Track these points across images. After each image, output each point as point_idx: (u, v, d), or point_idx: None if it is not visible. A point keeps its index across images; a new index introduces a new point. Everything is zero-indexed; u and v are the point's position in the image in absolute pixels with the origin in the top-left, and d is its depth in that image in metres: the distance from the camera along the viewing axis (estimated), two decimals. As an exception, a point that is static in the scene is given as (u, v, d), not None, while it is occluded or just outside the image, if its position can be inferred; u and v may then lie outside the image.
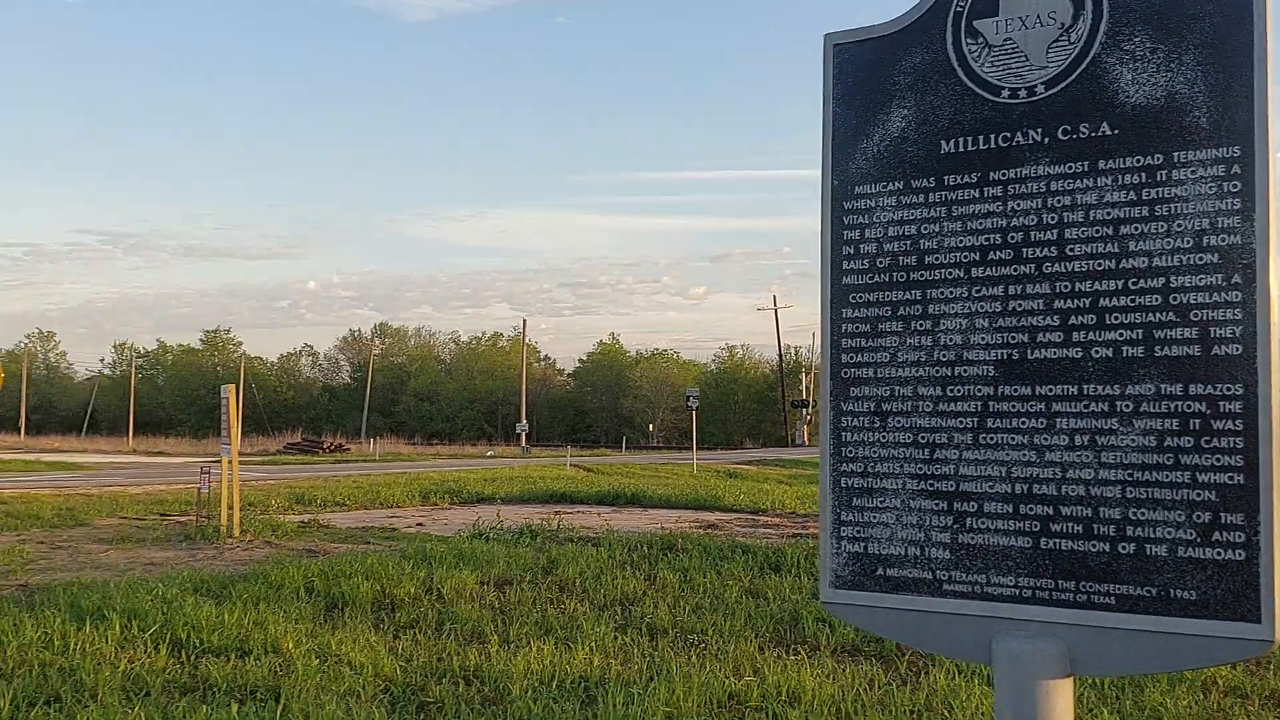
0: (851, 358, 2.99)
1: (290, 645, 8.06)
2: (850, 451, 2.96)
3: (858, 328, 2.98)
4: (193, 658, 7.85)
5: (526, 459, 56.61)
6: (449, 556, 12.46)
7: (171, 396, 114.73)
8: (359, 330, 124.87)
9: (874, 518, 2.92)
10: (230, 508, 15.90)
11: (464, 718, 6.40)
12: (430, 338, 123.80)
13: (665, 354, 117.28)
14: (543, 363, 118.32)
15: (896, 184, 2.96)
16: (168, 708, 6.44)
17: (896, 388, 2.91)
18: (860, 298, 2.99)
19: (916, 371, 2.88)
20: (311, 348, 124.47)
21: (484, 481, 28.47)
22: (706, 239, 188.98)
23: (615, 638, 8.61)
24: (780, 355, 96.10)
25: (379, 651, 7.99)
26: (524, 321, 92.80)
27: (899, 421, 2.90)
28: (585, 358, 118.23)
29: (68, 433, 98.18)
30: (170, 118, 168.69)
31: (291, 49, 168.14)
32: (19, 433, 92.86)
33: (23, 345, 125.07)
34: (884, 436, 2.92)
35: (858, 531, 2.95)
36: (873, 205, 2.99)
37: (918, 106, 2.94)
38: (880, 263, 2.97)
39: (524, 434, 78.09)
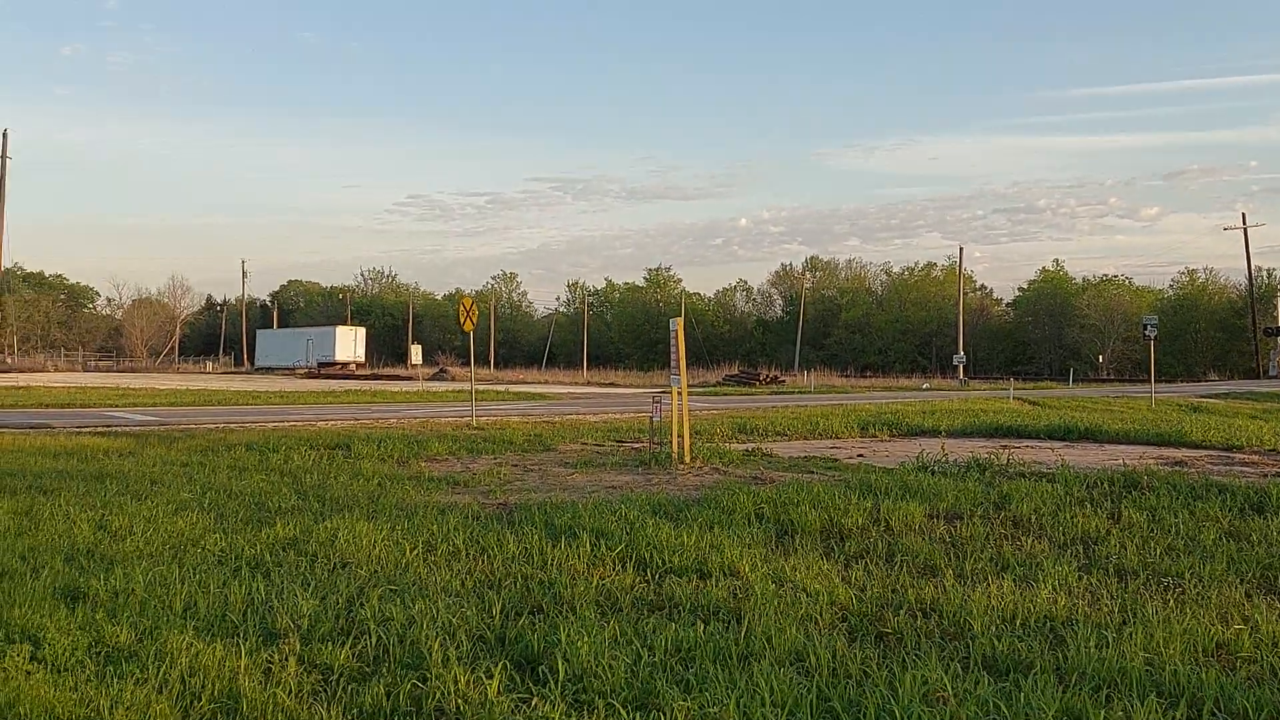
0: None
1: (747, 569, 8.25)
2: None
3: None
4: (656, 576, 8.22)
5: (964, 391, 55.13)
6: (894, 488, 12.32)
7: (619, 331, 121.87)
8: (790, 264, 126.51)
9: None
10: (680, 435, 16.58)
11: (924, 650, 6.26)
12: (861, 269, 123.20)
13: (1114, 280, 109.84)
14: (979, 292, 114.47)
15: None
16: (638, 623, 6.77)
17: None
18: None
19: None
20: (745, 283, 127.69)
21: (922, 414, 27.99)
22: (1156, 156, 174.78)
23: (1080, 577, 8.14)
24: (1250, 278, 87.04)
25: (832, 579, 8.00)
26: (960, 250, 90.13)
27: None
28: (1025, 286, 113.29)
29: (530, 365, 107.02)
30: (619, 70, 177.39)
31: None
32: (489, 366, 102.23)
33: (489, 286, 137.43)
34: None
35: None
36: None
37: None
38: None
39: (961, 365, 76.12)
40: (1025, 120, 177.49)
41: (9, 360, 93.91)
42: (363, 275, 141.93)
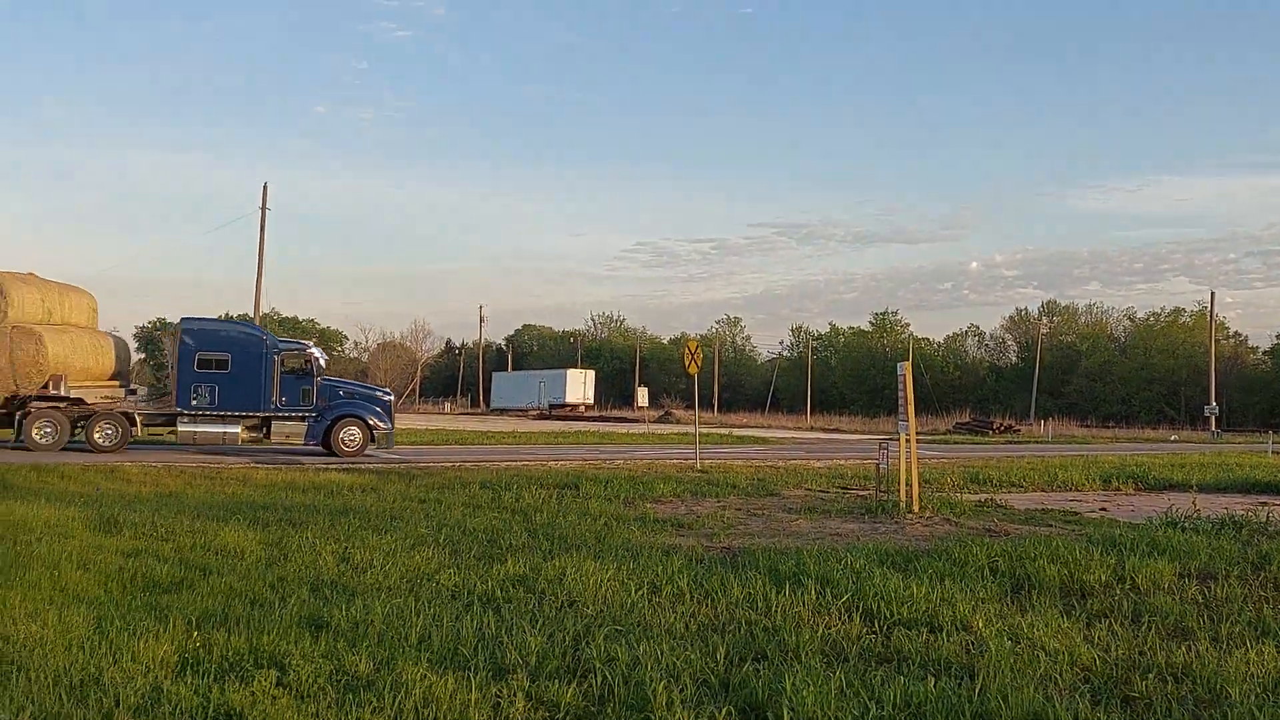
0: None
1: (980, 624, 7.93)
2: None
3: None
4: (884, 628, 8.00)
5: (1217, 444, 51.86)
6: (1141, 544, 11.63)
7: (844, 376, 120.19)
8: (1025, 309, 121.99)
9: None
10: (908, 484, 16.17)
11: (1177, 717, 5.85)
12: (1102, 315, 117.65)
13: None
14: (1232, 339, 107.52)
15: None
16: (865, 675, 6.59)
17: None
18: None
19: None
20: (977, 327, 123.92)
21: (1171, 467, 26.45)
22: None
23: (1355, 648, 7.46)
24: None
25: (1073, 638, 7.60)
26: (1211, 295, 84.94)
27: None
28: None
29: (753, 409, 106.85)
30: (845, 115, 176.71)
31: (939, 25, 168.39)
32: (713, 409, 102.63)
33: (713, 330, 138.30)
34: None
35: None
36: None
37: None
38: None
39: (1213, 417, 71.62)
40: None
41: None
42: (592, 320, 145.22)
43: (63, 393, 27.23)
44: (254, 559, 10.68)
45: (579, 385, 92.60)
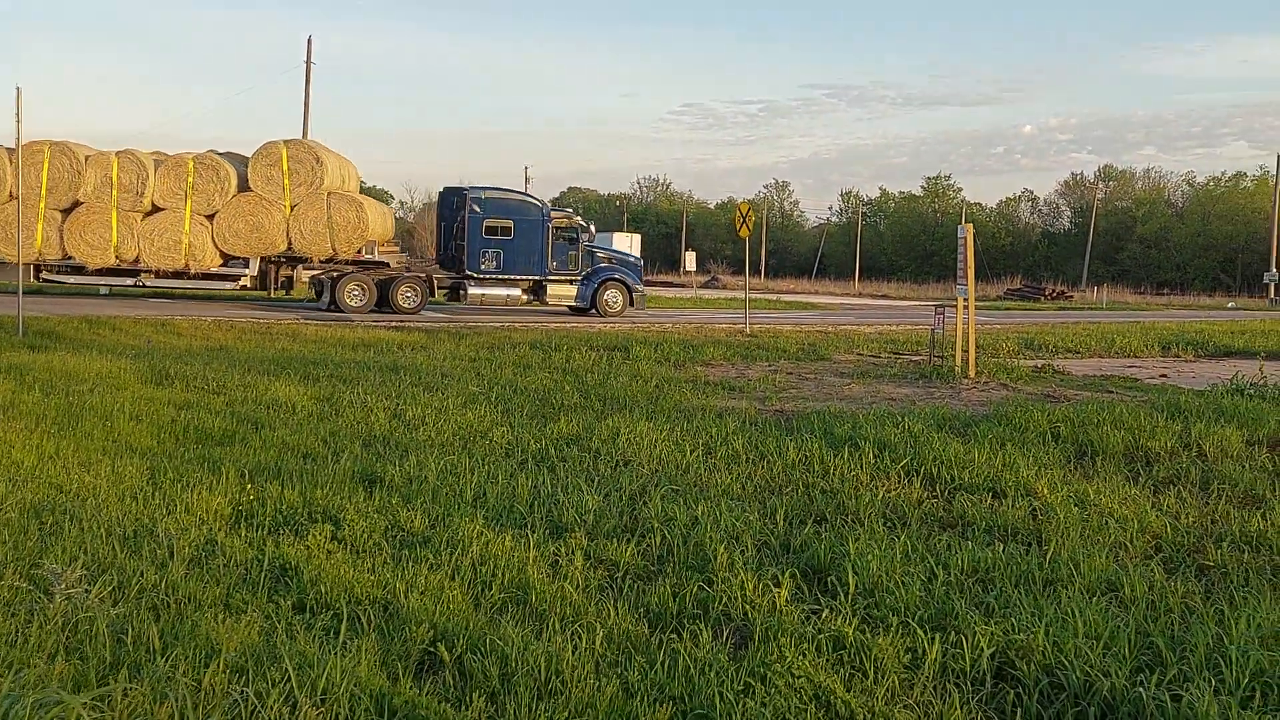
0: None
1: (1045, 489, 7.73)
2: None
3: None
4: (945, 493, 7.83)
5: (1276, 311, 50.81)
6: (1206, 411, 11.31)
7: (893, 243, 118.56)
8: (1080, 173, 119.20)
9: None
10: (964, 349, 15.87)
11: (1255, 588, 5.65)
12: (1159, 180, 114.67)
13: None
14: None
15: None
16: (929, 539, 6.43)
17: None
18: None
19: None
20: (1031, 192, 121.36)
21: (1231, 334, 25.85)
22: None
23: None
24: None
25: (1141, 505, 7.39)
26: (1278, 159, 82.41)
27: None
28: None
29: (800, 276, 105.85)
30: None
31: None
32: (760, 275, 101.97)
33: (761, 195, 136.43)
34: None
35: None
36: None
37: None
38: None
39: (1272, 284, 70.13)
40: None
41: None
42: (638, 183, 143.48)
43: (376, 257, 28.87)
44: (305, 414, 10.64)
45: (626, 249, 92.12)
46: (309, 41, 47.96)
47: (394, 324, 24.17)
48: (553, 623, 4.87)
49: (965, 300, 16.00)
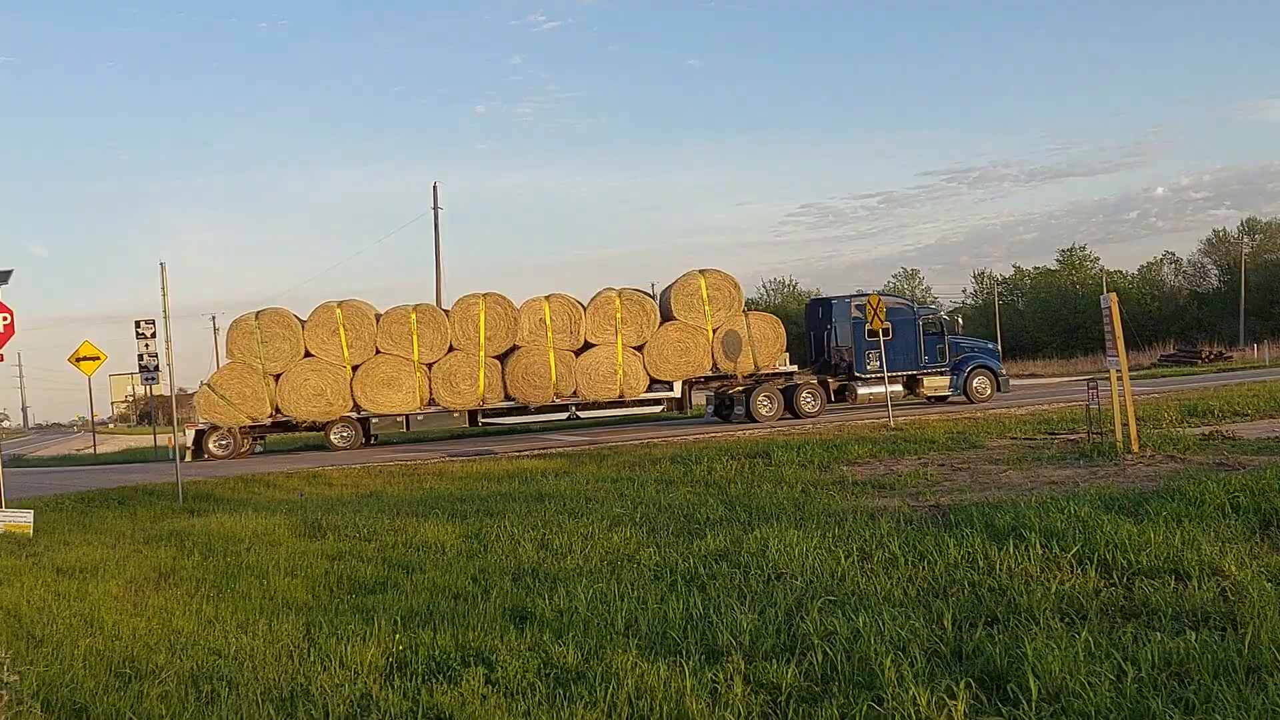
0: None
1: (1232, 567, 7.19)
2: None
3: None
4: (1123, 579, 7.34)
5: None
6: (1401, 467, 10.51)
7: (1033, 319, 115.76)
8: (1223, 229, 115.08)
9: None
10: (1124, 422, 15.16)
11: None
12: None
13: None
14: None
15: None
16: (1113, 632, 5.99)
17: None
18: None
19: None
20: (1173, 254, 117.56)
21: None
22: None
23: None
24: None
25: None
26: None
27: None
28: None
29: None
30: (1004, 49, 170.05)
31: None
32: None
33: (890, 285, 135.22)
34: None
35: None
36: None
37: None
38: None
39: None
40: None
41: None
42: (764, 287, 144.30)
43: (785, 368, 31.04)
44: (454, 552, 10.64)
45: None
46: (434, 188, 49.51)
47: (536, 453, 24.31)
48: (716, 757, 4.62)
49: (1118, 371, 15.33)
